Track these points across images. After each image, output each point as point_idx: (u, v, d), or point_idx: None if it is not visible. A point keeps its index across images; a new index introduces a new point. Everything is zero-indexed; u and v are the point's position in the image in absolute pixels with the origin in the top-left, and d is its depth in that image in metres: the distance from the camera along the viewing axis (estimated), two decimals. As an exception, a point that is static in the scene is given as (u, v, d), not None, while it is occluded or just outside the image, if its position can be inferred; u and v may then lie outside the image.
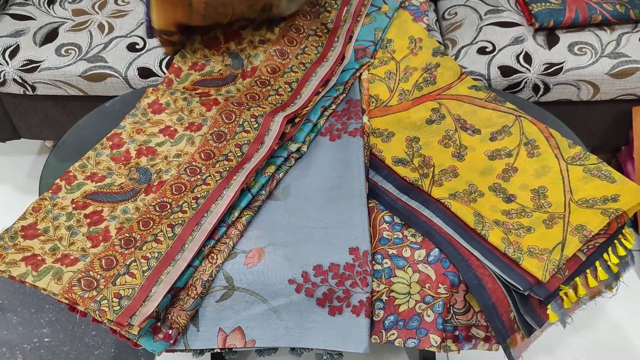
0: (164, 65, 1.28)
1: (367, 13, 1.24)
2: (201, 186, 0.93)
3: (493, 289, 0.83)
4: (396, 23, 1.22)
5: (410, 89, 1.12)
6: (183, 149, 1.02)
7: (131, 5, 1.39)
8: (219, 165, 0.97)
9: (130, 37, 1.32)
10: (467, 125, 1.04)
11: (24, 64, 1.28)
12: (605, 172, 0.93)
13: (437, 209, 0.91)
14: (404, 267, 0.85)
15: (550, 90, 1.29)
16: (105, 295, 0.80)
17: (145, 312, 0.78)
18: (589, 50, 1.29)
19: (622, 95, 1.31)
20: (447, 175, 0.96)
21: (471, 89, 1.09)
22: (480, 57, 1.30)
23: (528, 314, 0.84)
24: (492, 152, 0.99)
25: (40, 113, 1.41)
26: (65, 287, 0.81)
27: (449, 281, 0.85)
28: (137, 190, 0.95)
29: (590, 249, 0.86)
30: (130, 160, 1.00)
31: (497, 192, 0.94)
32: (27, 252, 0.86)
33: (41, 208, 0.93)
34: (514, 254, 0.83)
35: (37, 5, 1.41)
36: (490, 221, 0.88)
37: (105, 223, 0.91)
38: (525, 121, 1.02)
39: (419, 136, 1.03)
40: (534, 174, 0.95)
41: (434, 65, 1.14)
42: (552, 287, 0.82)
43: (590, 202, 0.89)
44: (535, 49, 1.30)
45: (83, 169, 0.99)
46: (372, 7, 1.25)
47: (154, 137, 1.04)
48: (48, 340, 1.31)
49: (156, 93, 1.13)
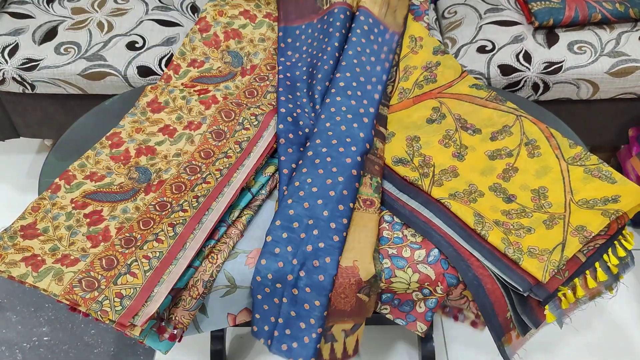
0: (164, 63, 1.28)
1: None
2: (201, 185, 0.93)
3: (492, 289, 0.83)
4: (396, 22, 1.22)
5: (410, 87, 1.12)
6: (183, 148, 1.01)
7: (130, 4, 1.39)
8: (219, 163, 0.97)
9: (130, 36, 1.32)
10: (468, 124, 1.04)
11: (23, 63, 1.28)
12: (606, 172, 0.92)
13: (437, 209, 0.91)
14: (403, 267, 0.86)
15: (549, 89, 1.29)
16: (106, 295, 0.80)
17: (148, 312, 0.78)
18: (588, 49, 1.28)
19: (621, 94, 1.31)
20: (447, 175, 0.96)
21: (472, 87, 1.09)
22: (480, 55, 1.30)
23: (525, 314, 0.84)
24: (492, 152, 0.99)
25: (40, 112, 1.40)
26: (66, 288, 0.81)
27: (446, 282, 0.85)
28: (137, 189, 0.95)
29: (590, 250, 0.86)
30: (130, 159, 1.00)
31: (498, 192, 0.94)
32: (27, 252, 0.86)
33: (40, 207, 0.93)
34: (514, 254, 0.83)
35: (36, 3, 1.40)
36: (490, 221, 0.88)
37: (105, 223, 0.90)
38: (525, 121, 1.02)
39: (420, 135, 1.03)
40: (535, 174, 0.95)
41: (434, 63, 1.14)
42: (552, 288, 0.82)
43: (591, 202, 0.89)
44: (535, 47, 1.29)
45: (82, 168, 0.99)
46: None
47: (153, 137, 1.04)
48: (47, 339, 1.31)
49: (155, 91, 1.13)
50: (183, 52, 1.20)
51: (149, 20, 1.35)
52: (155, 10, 1.38)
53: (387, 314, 0.91)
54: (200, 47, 1.21)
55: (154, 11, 1.38)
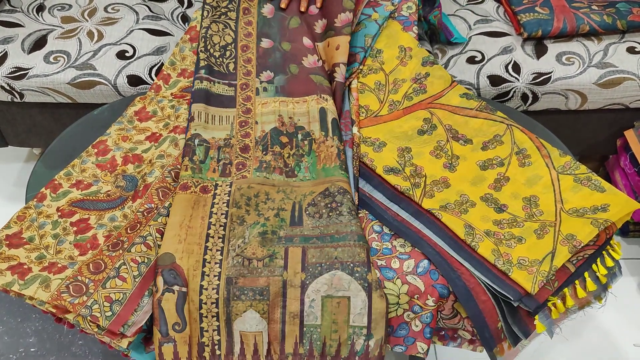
0: (154, 73, 1.27)
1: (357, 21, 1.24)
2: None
3: (482, 300, 0.83)
4: (386, 33, 1.22)
5: (400, 99, 1.12)
6: (166, 150, 1.01)
7: (121, 13, 1.39)
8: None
9: (120, 45, 1.31)
10: (459, 135, 1.04)
11: (11, 71, 1.27)
12: (595, 181, 0.93)
13: (428, 221, 0.91)
14: (392, 278, 0.85)
15: (538, 100, 1.30)
16: (95, 299, 0.79)
17: (138, 322, 0.77)
18: (576, 60, 1.29)
19: (609, 104, 1.32)
20: (438, 186, 0.96)
21: (462, 97, 1.10)
22: (470, 66, 1.30)
23: (515, 324, 0.84)
24: (484, 161, 1.00)
25: (28, 120, 1.39)
26: (53, 295, 0.79)
27: (437, 293, 0.84)
28: (125, 198, 0.94)
29: (580, 260, 0.86)
30: (117, 167, 1.00)
31: (489, 203, 0.94)
32: (13, 261, 0.85)
33: (26, 216, 0.92)
34: (504, 265, 0.83)
35: (25, 12, 1.40)
36: (481, 232, 0.88)
37: (93, 231, 0.90)
38: (516, 130, 1.02)
39: (411, 146, 1.03)
40: (525, 183, 0.95)
41: (423, 75, 1.14)
42: (542, 298, 0.82)
43: (581, 211, 0.89)
44: (524, 58, 1.30)
45: (68, 176, 0.98)
46: (362, 15, 1.25)
47: (140, 145, 1.04)
48: (34, 350, 1.29)
49: (143, 101, 1.12)
50: (173, 62, 1.20)
51: (139, 29, 1.35)
52: (146, 19, 1.38)
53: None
54: (190, 56, 1.20)
55: (145, 20, 1.37)
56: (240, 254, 0.84)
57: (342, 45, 1.14)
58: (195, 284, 0.81)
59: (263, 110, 1.05)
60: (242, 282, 0.81)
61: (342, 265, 0.82)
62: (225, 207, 0.90)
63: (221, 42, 1.13)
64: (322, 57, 1.16)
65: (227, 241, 0.86)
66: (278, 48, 1.17)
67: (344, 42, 1.14)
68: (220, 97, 1.07)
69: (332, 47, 1.15)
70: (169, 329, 0.78)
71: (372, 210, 0.94)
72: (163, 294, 0.79)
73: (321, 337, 0.82)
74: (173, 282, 0.80)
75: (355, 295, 0.81)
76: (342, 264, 0.82)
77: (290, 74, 1.13)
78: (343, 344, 0.82)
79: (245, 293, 0.81)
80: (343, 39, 1.15)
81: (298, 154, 1.00)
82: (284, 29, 1.21)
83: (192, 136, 0.99)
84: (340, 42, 1.15)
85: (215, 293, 0.81)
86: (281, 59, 1.15)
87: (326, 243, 0.85)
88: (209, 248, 0.85)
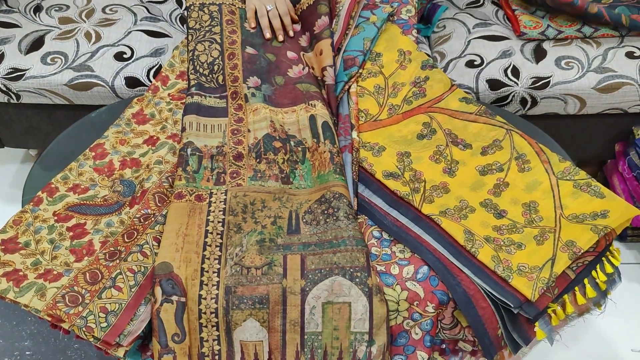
0: (152, 74, 1.27)
1: (355, 24, 1.24)
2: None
3: (482, 306, 0.83)
4: (385, 36, 1.21)
5: (399, 103, 1.11)
6: (164, 156, 1.00)
7: (119, 14, 1.38)
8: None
9: (118, 46, 1.30)
10: (459, 139, 1.04)
11: (8, 72, 1.26)
12: (595, 187, 0.93)
13: (427, 226, 0.91)
14: (392, 284, 0.85)
15: (537, 104, 1.30)
16: (91, 309, 0.78)
17: (135, 331, 0.76)
18: (575, 65, 1.29)
19: (608, 109, 1.32)
20: (438, 191, 0.96)
21: (462, 101, 1.09)
22: (469, 70, 1.30)
23: (515, 331, 0.83)
24: (483, 167, 0.99)
25: (25, 122, 1.39)
26: (49, 304, 0.79)
27: (437, 299, 0.84)
28: (122, 203, 0.94)
29: (579, 267, 0.86)
30: (114, 171, 0.99)
31: (488, 208, 0.93)
32: (8, 267, 0.84)
33: (22, 221, 0.91)
34: (504, 272, 0.83)
35: (23, 12, 1.39)
36: (481, 238, 0.88)
37: (89, 236, 0.89)
38: (515, 135, 1.02)
39: (410, 151, 1.03)
40: (525, 189, 0.95)
41: (422, 78, 1.14)
42: (542, 305, 0.82)
43: (580, 217, 0.89)
44: (523, 62, 1.30)
45: (65, 180, 0.97)
46: (360, 18, 1.25)
47: (137, 149, 1.03)
48: (30, 353, 1.28)
49: (141, 103, 1.12)
50: (172, 64, 1.19)
51: (137, 30, 1.34)
52: (144, 21, 1.37)
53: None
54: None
55: (143, 22, 1.37)
56: (239, 263, 0.83)
57: (324, 49, 1.14)
58: (193, 294, 0.80)
59: (255, 118, 1.04)
60: (241, 290, 0.81)
61: (341, 271, 0.82)
62: (222, 215, 0.89)
63: (208, 59, 1.13)
64: (312, 65, 1.16)
65: (225, 249, 0.85)
66: (263, 56, 1.17)
67: (326, 45, 1.14)
68: (211, 108, 1.07)
69: (317, 54, 1.15)
70: (169, 340, 0.78)
71: (372, 216, 0.94)
72: (162, 305, 0.78)
73: (322, 345, 0.81)
74: (171, 292, 0.79)
75: (356, 300, 0.80)
76: (342, 270, 0.82)
77: (277, 84, 1.13)
78: (345, 352, 0.81)
79: (245, 302, 0.80)
80: (324, 43, 1.15)
81: (292, 159, 0.99)
82: (266, 45, 1.20)
83: (184, 145, 0.98)
84: (323, 46, 1.15)
85: (214, 302, 0.80)
86: (267, 67, 1.15)
87: (325, 249, 0.85)
88: (206, 257, 0.84)
